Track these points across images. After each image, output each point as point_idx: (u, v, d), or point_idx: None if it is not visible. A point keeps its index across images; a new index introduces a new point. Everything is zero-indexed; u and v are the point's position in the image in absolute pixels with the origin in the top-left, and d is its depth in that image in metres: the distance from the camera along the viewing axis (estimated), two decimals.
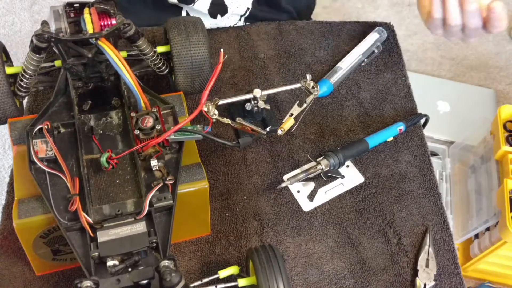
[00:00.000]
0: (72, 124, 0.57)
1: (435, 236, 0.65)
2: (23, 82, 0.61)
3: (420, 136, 0.75)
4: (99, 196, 0.53)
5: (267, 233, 0.64)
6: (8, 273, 0.59)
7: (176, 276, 0.46)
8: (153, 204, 0.52)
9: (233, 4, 0.81)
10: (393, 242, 0.65)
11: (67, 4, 0.59)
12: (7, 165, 1.62)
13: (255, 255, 0.52)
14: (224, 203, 0.67)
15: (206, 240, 0.64)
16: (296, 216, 0.66)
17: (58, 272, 0.60)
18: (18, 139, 0.58)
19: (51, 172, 0.54)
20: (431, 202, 0.68)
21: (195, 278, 0.60)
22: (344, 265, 0.63)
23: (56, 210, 0.51)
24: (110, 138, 0.57)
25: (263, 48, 0.83)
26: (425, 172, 0.71)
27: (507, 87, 1.93)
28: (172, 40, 0.66)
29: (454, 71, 1.97)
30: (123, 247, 0.49)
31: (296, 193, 0.68)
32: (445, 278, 0.62)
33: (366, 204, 0.68)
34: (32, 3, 2.05)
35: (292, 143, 0.73)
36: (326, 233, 0.65)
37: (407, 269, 0.63)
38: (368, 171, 0.71)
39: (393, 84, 0.81)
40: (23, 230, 0.52)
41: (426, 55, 2.01)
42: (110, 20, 0.58)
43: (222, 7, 0.81)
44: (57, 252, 0.57)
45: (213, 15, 0.82)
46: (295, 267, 0.62)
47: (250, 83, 0.79)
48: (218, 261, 0.62)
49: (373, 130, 0.74)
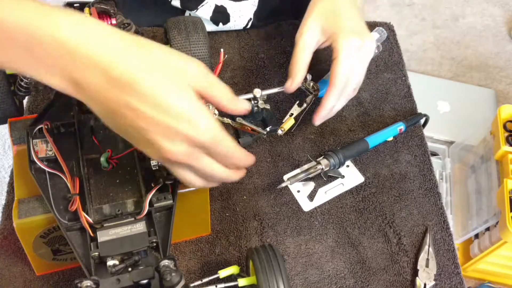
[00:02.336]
0: (72, 124, 0.57)
1: (435, 236, 0.65)
2: (23, 82, 0.61)
3: (420, 136, 0.75)
4: (99, 196, 0.53)
5: (267, 233, 0.64)
6: (8, 273, 0.59)
7: (176, 275, 0.46)
8: (153, 204, 0.52)
9: (235, 14, 0.81)
10: (393, 242, 0.65)
11: (67, 4, 0.59)
12: (7, 165, 1.62)
13: (255, 255, 0.52)
14: (224, 203, 0.67)
15: (206, 240, 0.64)
16: (296, 216, 0.66)
17: (58, 272, 0.60)
18: (18, 139, 0.58)
19: (51, 172, 0.54)
20: (431, 202, 0.68)
21: (195, 278, 0.60)
22: (344, 264, 0.63)
23: (56, 210, 0.51)
24: (110, 138, 0.57)
25: (263, 48, 0.83)
26: (425, 172, 0.71)
27: (507, 87, 1.93)
28: (172, 39, 0.66)
29: (454, 71, 1.97)
30: (123, 247, 0.49)
31: (296, 193, 0.68)
32: (445, 278, 0.62)
33: (366, 204, 0.68)
34: None
35: (292, 143, 0.73)
36: (326, 233, 0.65)
37: (407, 269, 0.63)
38: (368, 171, 0.71)
39: (393, 84, 0.81)
40: (23, 230, 0.52)
41: (426, 55, 2.01)
42: (110, 20, 0.58)
43: (224, 15, 0.81)
44: (57, 252, 0.57)
45: (215, 23, 0.82)
46: (295, 267, 0.62)
47: (250, 83, 0.79)
48: (218, 261, 0.62)
49: (373, 130, 0.75)
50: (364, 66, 0.67)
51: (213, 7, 0.80)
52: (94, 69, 0.39)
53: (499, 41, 2.08)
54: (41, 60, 0.40)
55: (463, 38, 2.08)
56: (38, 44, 0.39)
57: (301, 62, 0.65)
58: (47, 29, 0.39)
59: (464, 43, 2.06)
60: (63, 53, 0.39)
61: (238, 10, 0.81)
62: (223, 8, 0.81)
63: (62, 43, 0.39)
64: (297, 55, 0.66)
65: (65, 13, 0.40)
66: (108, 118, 0.43)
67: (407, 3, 2.15)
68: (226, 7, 0.81)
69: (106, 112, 0.42)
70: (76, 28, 0.40)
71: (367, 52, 0.66)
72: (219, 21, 0.82)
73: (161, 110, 0.41)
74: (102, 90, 0.40)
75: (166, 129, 0.41)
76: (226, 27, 0.83)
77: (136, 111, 0.40)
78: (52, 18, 0.39)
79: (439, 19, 2.13)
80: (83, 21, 0.41)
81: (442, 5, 2.17)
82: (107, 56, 0.39)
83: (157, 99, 0.40)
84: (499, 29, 2.11)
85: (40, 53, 0.40)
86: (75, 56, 0.39)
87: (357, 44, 0.64)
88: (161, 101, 0.40)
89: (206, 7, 0.80)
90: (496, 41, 2.07)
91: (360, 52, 0.64)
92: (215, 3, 0.80)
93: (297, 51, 0.66)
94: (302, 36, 0.66)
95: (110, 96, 0.40)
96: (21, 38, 0.39)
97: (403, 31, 2.05)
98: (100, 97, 0.40)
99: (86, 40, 0.39)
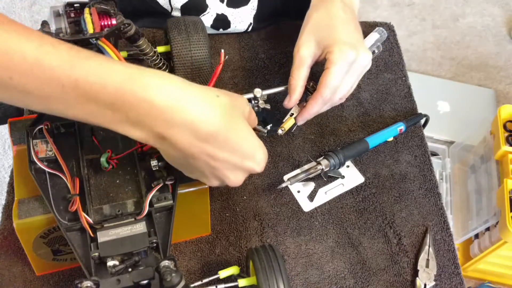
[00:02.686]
0: (72, 124, 0.57)
1: (435, 236, 0.65)
2: None
3: (420, 136, 0.75)
4: (99, 196, 0.53)
5: (267, 233, 0.64)
6: (8, 273, 0.59)
7: (176, 276, 0.46)
8: (153, 204, 0.52)
9: (235, 20, 0.81)
10: (393, 242, 0.65)
11: (67, 4, 0.59)
12: (7, 165, 1.62)
13: (255, 255, 0.52)
14: (224, 203, 0.67)
15: (206, 240, 0.64)
16: (296, 216, 0.66)
17: (58, 272, 0.60)
18: (18, 139, 0.58)
19: (51, 172, 0.54)
20: (431, 202, 0.68)
21: (196, 278, 0.60)
22: (344, 265, 0.63)
23: (56, 210, 0.51)
24: (110, 138, 0.57)
25: (263, 48, 0.83)
26: (425, 172, 0.71)
27: (507, 87, 1.93)
28: (172, 40, 0.66)
29: (454, 71, 1.97)
30: (123, 247, 0.49)
31: (296, 193, 0.68)
32: (445, 278, 0.62)
33: (366, 204, 0.68)
34: (32, 3, 2.05)
35: (292, 143, 0.73)
36: (326, 233, 0.65)
37: (407, 269, 0.63)
38: (368, 171, 0.71)
39: (393, 84, 0.81)
40: (23, 230, 0.52)
41: (426, 55, 2.01)
42: (110, 20, 0.58)
43: (225, 22, 0.81)
44: (57, 252, 0.57)
45: (216, 28, 0.82)
46: (295, 267, 0.62)
47: (250, 83, 0.79)
48: (218, 261, 0.62)
49: (373, 130, 0.74)
50: (355, 79, 0.65)
51: (214, 16, 0.80)
52: (181, 126, 0.44)
53: (499, 41, 2.08)
54: (126, 116, 0.43)
55: (463, 38, 2.08)
56: (126, 104, 0.42)
57: (298, 79, 0.65)
58: (137, 92, 0.42)
59: (464, 43, 2.06)
60: (151, 113, 0.43)
61: (238, 16, 0.81)
62: (224, 16, 0.81)
63: (151, 105, 0.42)
64: (294, 72, 0.66)
65: (151, 74, 0.44)
66: (181, 160, 0.48)
67: (407, 3, 2.15)
68: (226, 15, 0.81)
69: (183, 158, 0.47)
70: (163, 89, 0.43)
71: (361, 65, 0.64)
72: (219, 27, 0.82)
73: (233, 152, 0.47)
74: (186, 142, 0.45)
75: (235, 166, 0.49)
76: (226, 32, 0.84)
77: (216, 158, 0.47)
78: (141, 81, 0.43)
79: (439, 19, 2.13)
80: (169, 82, 0.44)
81: (442, 5, 2.17)
82: (194, 115, 0.44)
83: (233, 145, 0.47)
84: (499, 29, 2.11)
85: (126, 111, 0.43)
86: (163, 114, 0.43)
87: (351, 57, 0.62)
88: (235, 146, 0.47)
89: (207, 17, 0.80)
90: (496, 41, 2.07)
91: (353, 65, 0.63)
92: (216, 12, 0.80)
93: (294, 68, 0.66)
94: (298, 51, 0.65)
95: (194, 148, 0.45)
96: (108, 99, 0.42)
97: (403, 31, 2.05)
98: (183, 147, 0.45)
99: (173, 101, 0.43)
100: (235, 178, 0.50)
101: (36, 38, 0.41)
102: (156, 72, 0.45)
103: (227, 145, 0.46)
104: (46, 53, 0.41)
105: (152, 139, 0.45)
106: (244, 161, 0.49)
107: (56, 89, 0.41)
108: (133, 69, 0.43)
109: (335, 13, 0.65)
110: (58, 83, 0.41)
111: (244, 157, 0.49)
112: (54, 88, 0.41)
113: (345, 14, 0.66)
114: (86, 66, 0.42)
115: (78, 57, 0.42)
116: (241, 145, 0.48)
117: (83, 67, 0.41)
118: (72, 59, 0.41)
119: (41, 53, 0.40)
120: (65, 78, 0.41)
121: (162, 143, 0.45)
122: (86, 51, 0.43)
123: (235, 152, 0.47)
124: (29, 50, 0.40)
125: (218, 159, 0.47)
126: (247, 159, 0.49)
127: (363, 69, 0.66)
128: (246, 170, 0.50)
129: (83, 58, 0.42)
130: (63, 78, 0.41)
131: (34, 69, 0.40)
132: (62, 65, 0.41)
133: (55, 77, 0.41)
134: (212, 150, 0.46)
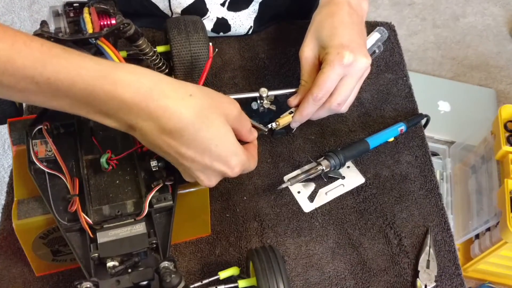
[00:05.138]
0: (71, 124, 0.57)
1: (436, 237, 0.65)
2: None
3: (421, 136, 0.75)
4: (99, 197, 0.53)
5: (267, 234, 0.64)
6: (7, 274, 0.59)
7: (176, 277, 0.46)
8: (153, 205, 0.52)
9: (236, 24, 0.81)
10: (393, 243, 0.64)
11: (67, 3, 0.58)
12: (7, 165, 1.62)
13: (255, 256, 0.52)
14: (225, 203, 0.66)
15: (206, 241, 0.63)
16: (296, 217, 0.66)
17: (58, 273, 0.60)
18: (18, 139, 0.58)
19: (51, 172, 0.53)
20: (432, 203, 0.68)
21: (195, 279, 0.60)
22: (344, 266, 0.62)
23: (55, 210, 0.51)
24: (110, 139, 0.57)
25: (264, 48, 0.83)
26: (426, 172, 0.71)
27: (507, 87, 1.93)
28: (172, 39, 0.66)
29: (455, 71, 1.97)
30: (123, 248, 0.49)
31: (297, 193, 0.68)
32: (446, 279, 0.62)
33: (367, 205, 0.67)
34: (31, 2, 2.05)
35: (292, 144, 0.73)
36: (327, 234, 0.65)
37: (408, 270, 0.63)
38: (368, 171, 0.71)
39: (394, 84, 0.80)
40: (22, 231, 0.52)
41: (427, 55, 2.01)
42: (109, 20, 0.58)
43: (225, 26, 0.81)
44: (57, 252, 0.57)
45: (216, 32, 0.82)
46: (296, 268, 0.62)
47: (250, 83, 0.78)
48: (218, 262, 0.62)
49: (374, 130, 0.74)
50: (354, 83, 0.64)
51: (214, 20, 0.80)
52: (148, 120, 0.45)
53: (499, 40, 2.07)
54: (98, 109, 0.45)
55: (463, 37, 2.07)
56: (97, 100, 0.44)
57: (309, 81, 0.65)
58: (106, 89, 0.44)
59: (465, 42, 2.06)
60: (121, 108, 0.45)
61: (239, 19, 0.81)
62: (224, 20, 0.80)
63: (119, 101, 0.44)
64: (303, 75, 0.66)
65: (123, 71, 0.45)
66: (153, 149, 0.49)
67: (407, 3, 2.15)
68: (227, 19, 0.80)
69: (153, 148, 0.48)
70: (132, 86, 0.44)
71: (358, 69, 0.63)
72: (220, 31, 0.82)
73: (202, 153, 0.47)
74: (153, 135, 0.46)
75: (204, 167, 0.48)
76: (226, 35, 0.84)
77: (182, 155, 0.47)
78: (111, 78, 0.44)
79: (440, 18, 2.12)
80: (139, 78, 0.45)
81: (442, 4, 2.17)
82: (160, 112, 0.45)
83: (201, 146, 0.47)
84: (500, 28, 2.11)
85: (98, 105, 0.45)
86: (131, 109, 0.45)
87: (347, 60, 0.61)
88: (204, 147, 0.47)
89: (208, 21, 0.80)
90: (496, 41, 2.07)
91: (350, 68, 0.62)
92: (216, 16, 0.80)
93: (302, 69, 0.66)
94: (302, 53, 0.66)
95: (160, 141, 0.46)
96: (79, 95, 0.44)
97: (403, 30, 2.05)
98: (151, 139, 0.46)
99: (141, 97, 0.44)
100: (206, 179, 0.50)
101: (9, 36, 0.42)
102: (129, 67, 0.45)
103: (194, 144, 0.46)
104: (19, 52, 0.41)
105: (124, 128, 0.47)
106: (214, 163, 0.48)
107: (31, 85, 0.43)
108: (103, 66, 0.44)
109: (339, 16, 0.65)
110: (32, 80, 0.42)
111: (215, 160, 0.48)
112: (29, 84, 0.42)
113: (349, 18, 0.65)
114: (57, 63, 0.43)
115: (50, 55, 0.43)
116: (212, 146, 0.47)
117: (54, 64, 0.42)
118: (44, 57, 0.42)
119: (14, 52, 0.41)
120: (38, 76, 0.42)
121: (133, 132, 0.47)
122: (57, 48, 0.44)
123: (203, 153, 0.47)
124: (2, 49, 0.41)
125: (185, 157, 0.47)
126: (218, 162, 0.48)
127: (362, 73, 0.64)
128: (218, 172, 0.50)
129: (54, 55, 0.43)
130: (37, 76, 0.42)
131: (7, 67, 0.41)
132: (34, 64, 0.42)
133: (29, 75, 0.42)
134: (178, 147, 0.46)
